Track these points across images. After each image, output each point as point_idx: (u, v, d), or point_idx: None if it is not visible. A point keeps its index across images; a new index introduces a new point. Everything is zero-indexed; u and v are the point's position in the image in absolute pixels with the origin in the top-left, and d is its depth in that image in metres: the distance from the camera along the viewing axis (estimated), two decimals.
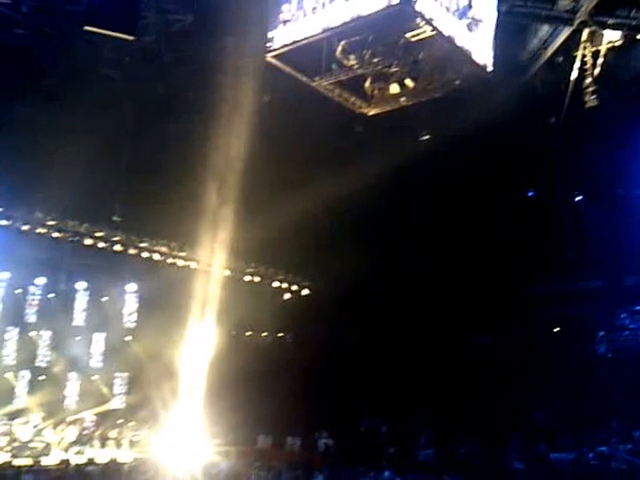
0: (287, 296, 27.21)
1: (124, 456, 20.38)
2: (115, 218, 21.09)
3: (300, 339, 23.90)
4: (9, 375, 23.74)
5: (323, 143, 18.56)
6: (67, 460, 18.03)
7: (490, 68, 12.25)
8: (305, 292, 27.18)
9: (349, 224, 21.73)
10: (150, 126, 18.52)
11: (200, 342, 21.22)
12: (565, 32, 13.84)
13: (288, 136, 17.62)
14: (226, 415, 20.66)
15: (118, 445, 22.36)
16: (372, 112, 14.20)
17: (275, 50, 12.27)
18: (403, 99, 13.55)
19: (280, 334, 26.85)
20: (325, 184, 18.56)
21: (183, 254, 23.68)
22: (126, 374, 25.86)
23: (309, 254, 22.86)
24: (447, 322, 22.09)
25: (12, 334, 24.11)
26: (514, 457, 17.39)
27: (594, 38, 14.02)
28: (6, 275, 23.61)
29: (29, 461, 17.44)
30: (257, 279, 25.89)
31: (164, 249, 23.35)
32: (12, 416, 22.06)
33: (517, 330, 22.48)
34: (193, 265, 23.63)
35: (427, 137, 18.43)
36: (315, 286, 26.54)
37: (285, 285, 26.90)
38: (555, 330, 22.79)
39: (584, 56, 14.16)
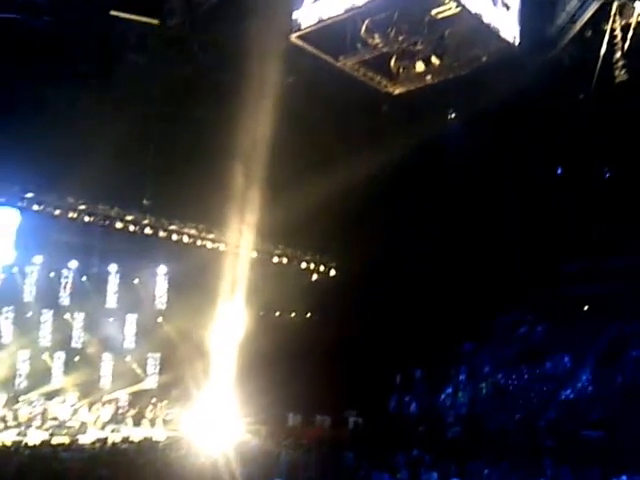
0: (314, 277, 27.36)
1: (158, 434, 20.81)
2: (145, 202, 21.39)
3: (328, 319, 24.03)
4: (45, 356, 24.24)
5: (348, 123, 18.54)
6: (103, 438, 18.41)
7: (517, 44, 12.11)
8: (332, 273, 27.30)
9: (376, 204, 21.72)
10: (178, 110, 18.69)
11: (230, 323, 21.48)
12: (594, 5, 13.59)
13: (314, 117, 17.64)
14: (256, 394, 20.93)
15: (152, 424, 22.80)
16: (397, 91, 14.14)
17: (299, 31, 12.27)
18: (429, 77, 13.48)
19: (308, 314, 27.02)
20: (351, 164, 18.55)
21: (212, 236, 23.93)
22: (158, 354, 26.23)
23: (336, 235, 22.92)
24: (476, 300, 22.03)
25: (47, 316, 24.54)
26: (545, 434, 17.40)
27: (624, 11, 13.71)
28: (39, 259, 24.03)
29: (66, 439, 17.80)
30: (285, 260, 26.06)
31: (193, 231, 23.62)
32: (49, 396, 22.57)
33: (548, 308, 22.37)
34: (222, 247, 23.88)
35: (453, 115, 18.28)
36: (342, 266, 26.64)
37: (312, 266, 27.04)
38: (585, 308, 22.63)
39: (613, 30, 13.82)
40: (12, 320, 23.56)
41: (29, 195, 20.61)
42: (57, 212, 21.18)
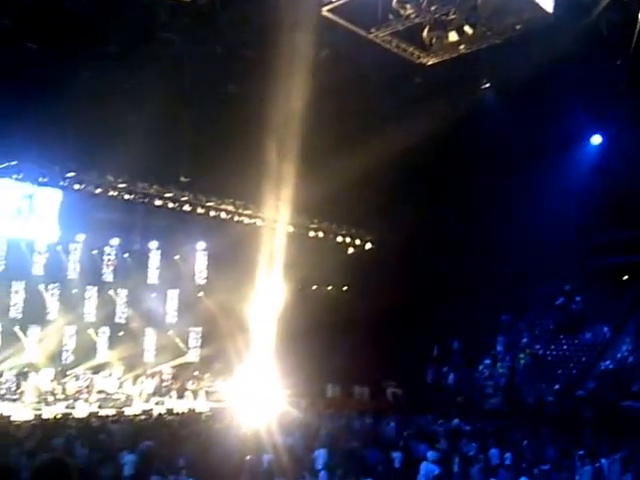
0: (350, 250, 27.41)
1: (201, 406, 21.30)
2: (182, 179, 21.64)
3: (365, 292, 24.09)
4: (91, 332, 24.85)
5: (382, 95, 18.38)
6: (148, 410, 18.93)
7: (552, 11, 11.82)
8: (368, 246, 27.32)
9: (411, 176, 21.59)
10: (212, 87, 18.75)
11: (268, 296, 21.72)
12: None
13: (347, 90, 17.51)
14: (295, 367, 21.23)
15: (195, 396, 23.31)
16: (431, 62, 13.97)
17: (330, 4, 12.17)
18: (462, 47, 13.25)
19: (345, 287, 27.15)
20: (386, 136, 18.44)
21: (248, 212, 24.11)
22: (200, 328, 26.73)
23: (371, 208, 22.88)
24: (513, 271, 21.86)
25: (91, 293, 25.12)
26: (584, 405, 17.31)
27: None
28: (82, 237, 24.55)
29: (113, 412, 18.34)
30: (320, 234, 26.15)
31: (230, 207, 23.84)
32: (95, 370, 23.19)
33: (586, 278, 22.09)
34: (258, 222, 24.08)
35: (488, 85, 17.98)
36: (378, 239, 26.64)
37: (348, 239, 27.08)
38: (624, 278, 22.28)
39: None
40: (58, 297, 24.17)
41: (70, 175, 21.02)
42: (98, 190, 21.58)
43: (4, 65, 16.10)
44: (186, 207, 23.18)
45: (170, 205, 22.84)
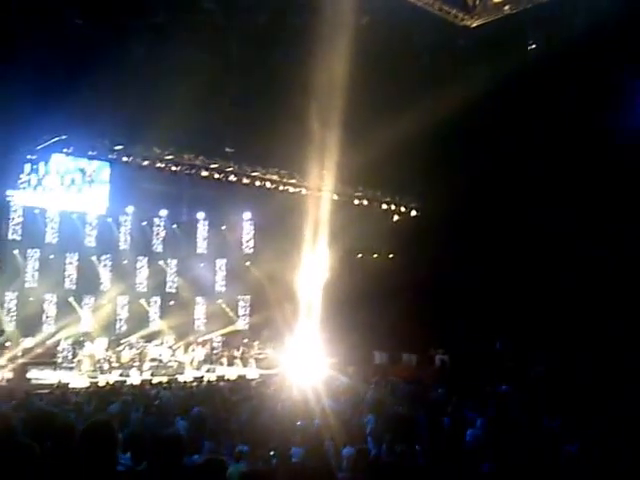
0: (396, 218, 27.27)
1: (251, 373, 21.70)
2: (227, 150, 21.80)
3: (411, 259, 23.98)
4: (142, 301, 25.47)
5: (425, 60, 18.09)
6: (199, 377, 19.36)
7: None
8: (413, 213, 27.13)
9: (457, 141, 21.24)
10: (254, 56, 18.72)
11: (314, 265, 21.85)
12: None
13: (390, 56, 17.28)
14: (343, 334, 21.39)
15: (245, 363, 23.76)
16: (475, 24, 13.69)
17: None
18: (507, 7, 12.97)
19: (391, 255, 27.07)
20: (430, 101, 18.15)
21: (293, 181, 24.16)
22: (248, 297, 27.12)
23: (416, 174, 22.63)
24: (563, 238, 21.40)
25: (142, 263, 25.69)
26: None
27: None
28: (131, 209, 25.04)
29: (166, 379, 18.82)
30: (365, 202, 26.06)
31: (275, 177, 23.91)
32: (148, 339, 23.80)
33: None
34: (303, 191, 24.12)
35: (534, 46, 17.47)
36: (423, 207, 26.40)
37: (393, 207, 26.92)
38: None
39: None
40: (110, 268, 24.79)
41: (118, 148, 21.37)
42: (145, 163, 21.90)
43: (52, 41, 16.37)
44: (232, 177, 23.35)
45: (216, 176, 23.04)
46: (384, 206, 26.37)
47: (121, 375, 20.16)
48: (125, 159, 21.81)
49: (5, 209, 22.22)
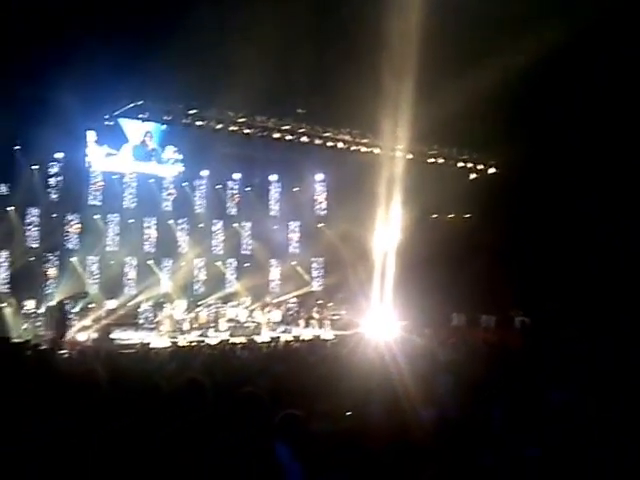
0: (473, 176, 26.58)
1: (326, 334, 21.81)
2: (299, 111, 21.62)
3: (489, 219, 23.32)
4: (219, 264, 25.89)
5: (502, 9, 17.19)
6: (276, 338, 19.58)
7: None
8: (492, 171, 26.34)
9: (538, 95, 20.28)
10: (325, 13, 18.35)
11: (388, 226, 21.58)
12: None
13: (465, 5, 16.53)
14: (419, 295, 21.13)
15: (320, 324, 23.90)
16: None
17: None
18: None
19: (467, 215, 26.44)
20: (508, 54, 17.34)
21: (365, 140, 23.81)
22: (321, 258, 27.18)
23: (495, 131, 21.82)
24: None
25: (218, 226, 26.05)
26: None
27: None
28: (206, 173, 25.32)
29: (243, 339, 19.11)
30: (441, 160, 25.46)
31: (347, 137, 23.65)
32: (225, 300, 24.23)
33: None
34: (376, 151, 23.75)
35: None
36: (503, 164, 25.54)
37: (470, 165, 26.22)
38: None
39: None
40: (186, 231, 25.25)
41: (192, 112, 21.53)
42: (219, 126, 22.03)
43: (125, 7, 16.48)
44: (304, 139, 23.24)
45: (288, 137, 22.97)
46: (460, 164, 25.72)
47: (200, 335, 20.64)
48: (199, 123, 22.02)
49: (85, 175, 22.85)
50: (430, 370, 12.86)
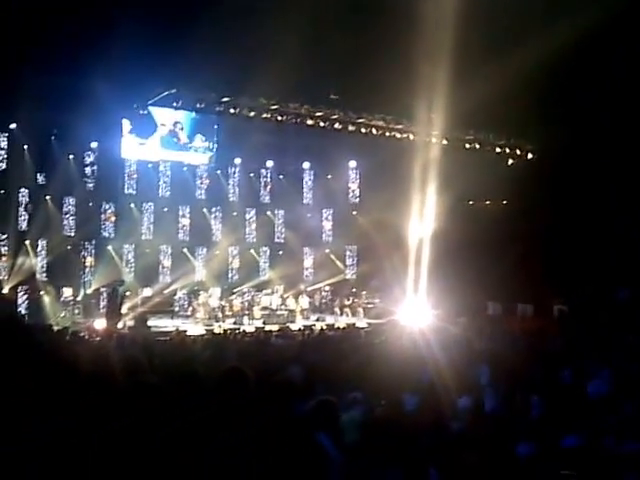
0: (510, 161, 26.14)
1: (360, 322, 21.73)
2: (332, 97, 21.45)
3: (526, 205, 22.89)
4: (252, 251, 25.95)
5: None
6: (309, 326, 19.56)
7: None
8: (530, 156, 25.86)
9: (577, 78, 19.77)
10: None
11: (423, 213, 21.34)
12: None
13: None
14: (454, 284, 20.86)
15: (353, 312, 23.82)
16: None
17: None
18: None
19: (504, 201, 26.02)
20: (547, 37, 16.89)
21: (400, 126, 23.56)
22: (355, 246, 27.05)
23: (533, 115, 21.34)
24: None
25: (251, 214, 26.09)
26: None
27: None
28: (239, 160, 25.33)
29: (277, 327, 19.13)
30: (477, 146, 25.09)
31: (381, 123, 23.45)
32: (259, 288, 24.31)
33: None
34: (411, 137, 23.49)
35: None
36: (541, 149, 25.02)
37: (508, 150, 25.78)
38: None
39: None
40: (220, 219, 25.34)
41: (225, 99, 21.53)
42: (252, 114, 22.01)
43: None
44: (337, 125, 23.10)
45: (321, 124, 22.85)
46: (497, 149, 25.32)
47: (234, 323, 20.74)
48: (232, 111, 22.03)
49: (120, 164, 23.05)
50: (466, 359, 12.67)
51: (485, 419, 7.37)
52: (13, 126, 20.67)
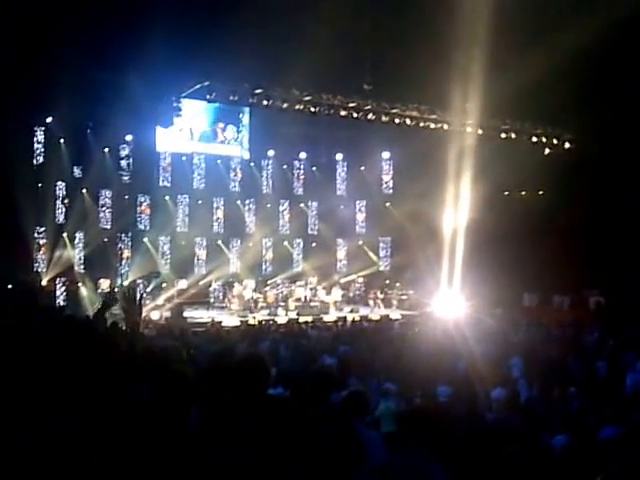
0: (547, 151, 25.72)
1: (393, 314, 21.66)
2: (365, 87, 21.35)
3: (563, 195, 22.52)
4: (286, 243, 26.02)
5: None
6: (344, 317, 19.57)
7: None
8: (567, 145, 25.41)
9: (616, 64, 19.33)
10: None
11: (458, 203, 21.15)
12: None
13: None
14: (489, 275, 20.65)
15: (387, 304, 23.75)
16: None
17: None
18: None
19: (541, 191, 25.63)
20: (584, 23, 16.55)
21: (434, 116, 23.34)
22: (389, 238, 26.93)
23: (570, 103, 20.93)
24: None
25: (284, 206, 26.13)
26: None
27: None
28: (272, 153, 25.37)
29: (311, 318, 19.18)
30: (513, 135, 24.73)
31: (415, 113, 23.25)
32: (292, 279, 24.36)
33: None
34: (445, 127, 23.26)
35: None
36: (579, 138, 24.56)
37: (544, 139, 25.36)
38: None
39: None
40: (254, 211, 25.44)
41: (258, 91, 21.57)
42: (284, 105, 22.01)
43: None
44: (370, 116, 22.97)
45: (354, 115, 22.75)
46: (534, 139, 24.89)
47: (269, 314, 20.83)
48: (265, 103, 22.06)
49: (155, 157, 23.28)
50: (502, 351, 12.57)
51: (520, 410, 7.30)
52: (49, 120, 20.99)
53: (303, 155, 26.01)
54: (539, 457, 4.54)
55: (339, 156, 26.68)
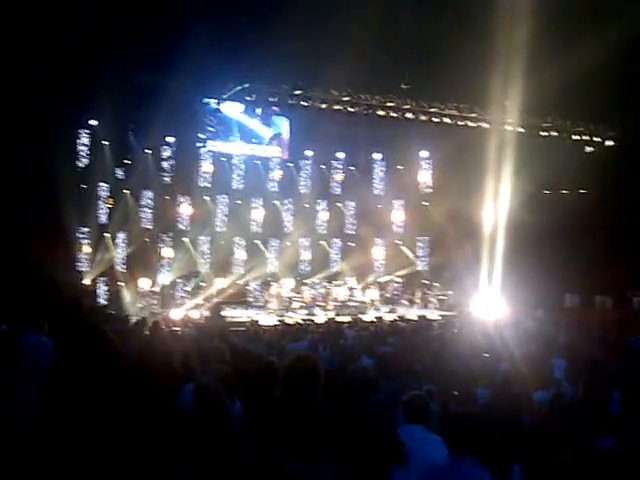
0: (589, 149, 25.26)
1: (432, 314, 21.51)
2: (403, 86, 21.28)
3: (606, 194, 22.09)
4: (323, 243, 26.06)
5: None
6: (381, 317, 19.50)
7: None
8: (609, 143, 24.92)
9: None
10: None
11: (498, 203, 20.93)
12: None
13: None
14: (530, 275, 20.38)
15: (425, 304, 23.61)
16: None
17: None
18: None
19: (582, 190, 25.19)
20: (625, 20, 16.22)
21: (473, 115, 23.14)
22: (427, 237, 26.78)
23: (613, 101, 20.54)
24: None
25: (322, 206, 26.19)
26: None
27: None
28: (310, 153, 25.45)
29: (349, 318, 19.15)
30: (554, 133, 24.36)
31: (453, 112, 23.11)
32: (330, 279, 24.39)
33: None
34: (484, 125, 23.04)
35: None
36: (621, 135, 24.06)
37: (586, 137, 24.92)
38: None
39: None
40: (292, 211, 25.56)
41: (297, 92, 21.68)
42: (323, 106, 22.09)
43: None
44: (408, 115, 22.89)
45: (392, 114, 22.69)
46: (575, 137, 24.48)
47: (307, 314, 20.88)
48: (304, 103, 22.16)
49: (196, 157, 23.57)
50: (543, 353, 12.38)
51: (562, 413, 7.21)
52: (94, 122, 21.42)
53: (341, 155, 26.04)
54: (585, 460, 4.50)
55: (377, 155, 26.64)
